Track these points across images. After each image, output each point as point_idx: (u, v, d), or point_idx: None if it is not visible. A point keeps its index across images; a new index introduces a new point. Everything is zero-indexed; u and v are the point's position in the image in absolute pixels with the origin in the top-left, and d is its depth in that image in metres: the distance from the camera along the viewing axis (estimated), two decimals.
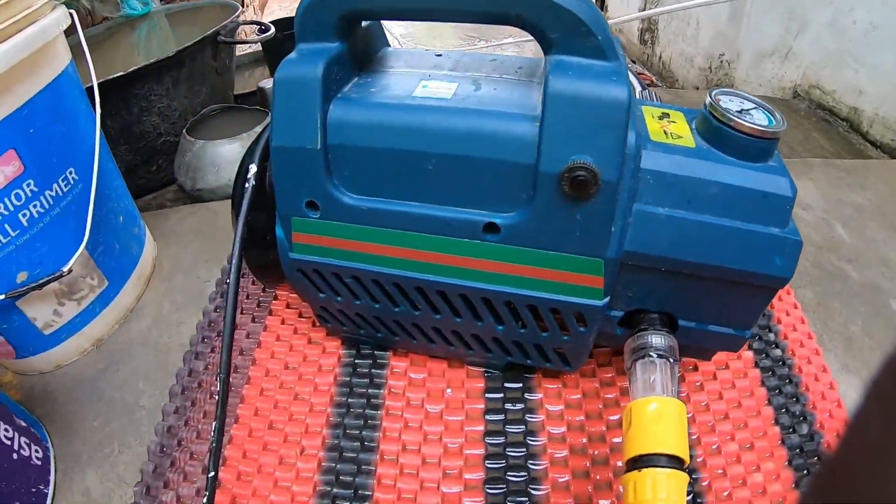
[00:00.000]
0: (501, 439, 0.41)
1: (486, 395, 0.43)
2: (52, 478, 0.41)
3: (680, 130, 0.33)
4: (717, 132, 0.31)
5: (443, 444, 0.41)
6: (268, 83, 0.92)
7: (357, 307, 0.40)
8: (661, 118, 0.34)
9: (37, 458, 0.40)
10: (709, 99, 0.33)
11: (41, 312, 0.45)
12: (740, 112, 0.32)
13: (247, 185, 0.37)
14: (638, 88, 0.47)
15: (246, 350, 0.47)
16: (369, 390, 0.44)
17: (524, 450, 0.40)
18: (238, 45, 1.25)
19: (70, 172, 0.45)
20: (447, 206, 0.32)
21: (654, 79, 1.32)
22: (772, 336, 0.47)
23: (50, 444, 0.43)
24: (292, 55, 0.33)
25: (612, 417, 0.41)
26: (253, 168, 0.37)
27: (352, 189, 0.34)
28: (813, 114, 0.93)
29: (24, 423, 0.41)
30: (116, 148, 0.75)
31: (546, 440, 0.40)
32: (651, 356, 0.33)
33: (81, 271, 0.47)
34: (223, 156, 0.72)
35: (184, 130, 0.74)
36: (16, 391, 0.48)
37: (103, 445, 0.43)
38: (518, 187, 0.31)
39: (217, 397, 0.35)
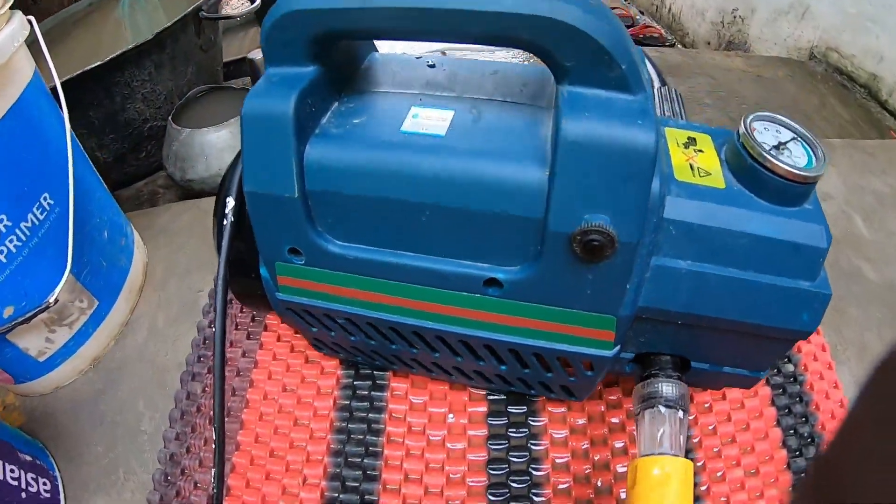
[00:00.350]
0: (505, 467, 0.38)
1: (489, 420, 0.40)
2: None
3: (708, 164, 0.28)
4: (751, 172, 0.26)
5: (445, 473, 0.38)
6: (257, 54, 0.84)
7: (352, 342, 0.37)
8: (686, 146, 0.29)
9: (45, 490, 0.38)
10: (742, 128, 0.27)
11: (33, 342, 0.42)
12: (777, 147, 0.27)
13: (225, 221, 0.32)
14: (657, 84, 0.41)
15: (243, 371, 0.44)
16: (370, 415, 0.41)
17: (528, 478, 0.38)
18: (229, 5, 1.14)
19: (45, 199, 0.40)
20: (444, 258, 0.28)
21: (662, 31, 1.21)
22: None
23: (57, 473, 0.41)
24: (260, 83, 0.27)
25: (617, 444, 0.39)
26: (231, 202, 0.33)
27: (338, 236, 0.29)
28: (830, 78, 0.84)
29: (29, 458, 0.39)
30: (102, 138, 0.69)
31: (550, 468, 0.38)
32: (660, 407, 0.30)
33: (69, 296, 0.43)
34: (212, 144, 0.66)
35: (169, 118, 0.67)
36: (19, 413, 0.46)
37: (109, 472, 0.42)
38: (523, 242, 0.26)
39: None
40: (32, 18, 0.41)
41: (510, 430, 0.40)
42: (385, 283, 0.29)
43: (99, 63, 0.62)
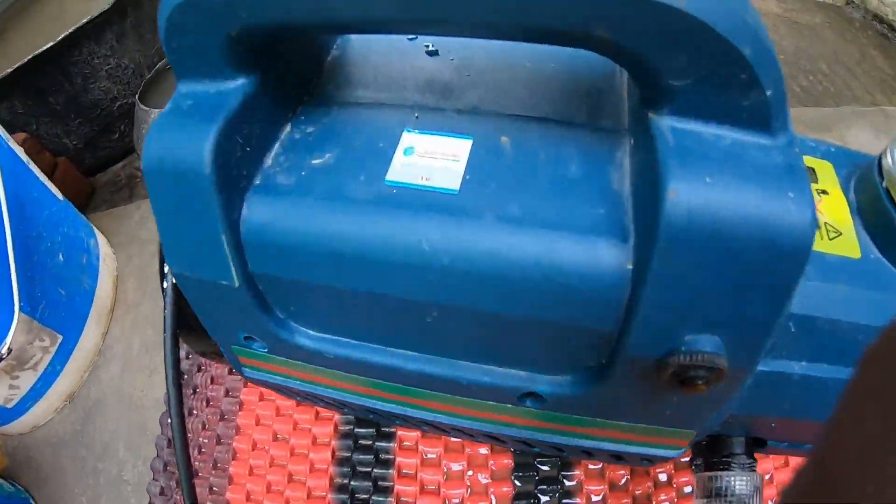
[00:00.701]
0: None
1: (515, 476, 0.32)
2: None
3: (837, 214, 0.17)
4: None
5: None
6: None
7: (344, 412, 0.27)
8: None
9: None
10: (888, 161, 0.16)
11: None
12: None
13: (165, 284, 0.22)
14: None
15: (227, 413, 0.36)
16: (375, 470, 0.33)
17: None
18: None
19: None
20: (464, 363, 0.18)
21: None
22: None
23: None
24: (165, 113, 0.16)
25: (663, 503, 0.31)
26: None
27: (307, 325, 0.19)
28: (869, 26, 0.69)
29: None
30: (68, 123, 0.57)
31: None
32: None
33: (26, 338, 0.35)
34: None
35: (136, 97, 0.55)
36: (1, 455, 0.38)
37: None
38: (579, 354, 0.16)
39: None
40: None
41: (539, 487, 0.31)
42: (379, 383, 0.20)
43: (50, 44, 0.49)
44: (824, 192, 0.18)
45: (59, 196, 0.41)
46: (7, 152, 0.35)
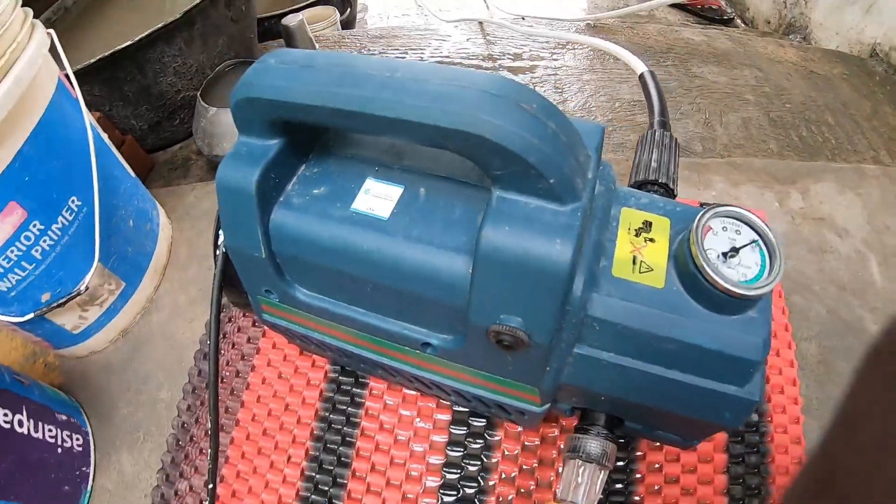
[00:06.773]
0: (458, 472, 0.43)
1: (451, 428, 0.45)
2: (91, 459, 0.48)
3: (654, 257, 0.28)
4: (692, 278, 0.27)
5: (406, 469, 0.44)
6: (292, 20, 0.84)
7: (329, 354, 0.41)
8: (638, 233, 0.29)
9: (77, 445, 0.47)
10: (696, 224, 0.27)
11: (68, 319, 0.49)
12: (726, 255, 0.27)
13: (217, 251, 0.36)
14: (655, 126, 0.40)
15: (246, 355, 0.50)
16: (349, 409, 0.46)
17: (476, 485, 0.42)
18: None
19: (73, 201, 0.45)
20: (388, 318, 0.31)
21: (722, 4, 1.10)
22: None
23: (89, 429, 0.49)
24: (232, 153, 0.29)
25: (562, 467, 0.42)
26: (223, 236, 0.36)
27: (303, 286, 0.33)
28: (889, 81, 0.76)
29: (64, 417, 0.47)
30: (137, 108, 0.74)
31: (497, 479, 0.42)
32: (581, 462, 0.33)
33: (98, 281, 0.50)
34: None
35: (198, 94, 0.70)
36: (57, 373, 0.54)
37: (132, 432, 0.50)
38: (451, 320, 0.29)
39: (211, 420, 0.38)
40: (52, 32, 0.44)
41: (468, 439, 0.44)
42: (344, 328, 0.33)
43: (129, 43, 0.65)
44: (651, 239, 0.29)
45: (132, 174, 0.56)
46: (98, 138, 0.50)
